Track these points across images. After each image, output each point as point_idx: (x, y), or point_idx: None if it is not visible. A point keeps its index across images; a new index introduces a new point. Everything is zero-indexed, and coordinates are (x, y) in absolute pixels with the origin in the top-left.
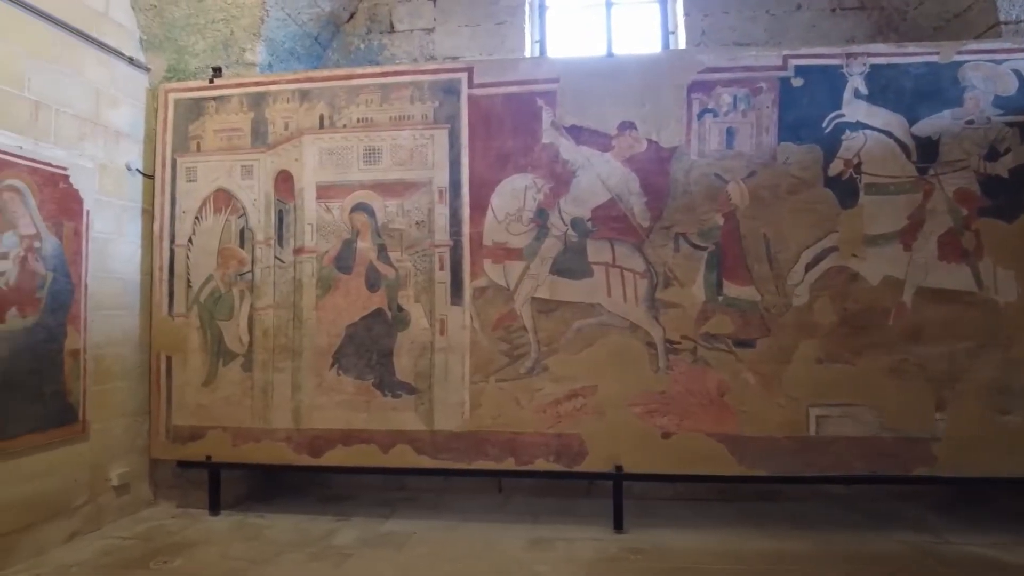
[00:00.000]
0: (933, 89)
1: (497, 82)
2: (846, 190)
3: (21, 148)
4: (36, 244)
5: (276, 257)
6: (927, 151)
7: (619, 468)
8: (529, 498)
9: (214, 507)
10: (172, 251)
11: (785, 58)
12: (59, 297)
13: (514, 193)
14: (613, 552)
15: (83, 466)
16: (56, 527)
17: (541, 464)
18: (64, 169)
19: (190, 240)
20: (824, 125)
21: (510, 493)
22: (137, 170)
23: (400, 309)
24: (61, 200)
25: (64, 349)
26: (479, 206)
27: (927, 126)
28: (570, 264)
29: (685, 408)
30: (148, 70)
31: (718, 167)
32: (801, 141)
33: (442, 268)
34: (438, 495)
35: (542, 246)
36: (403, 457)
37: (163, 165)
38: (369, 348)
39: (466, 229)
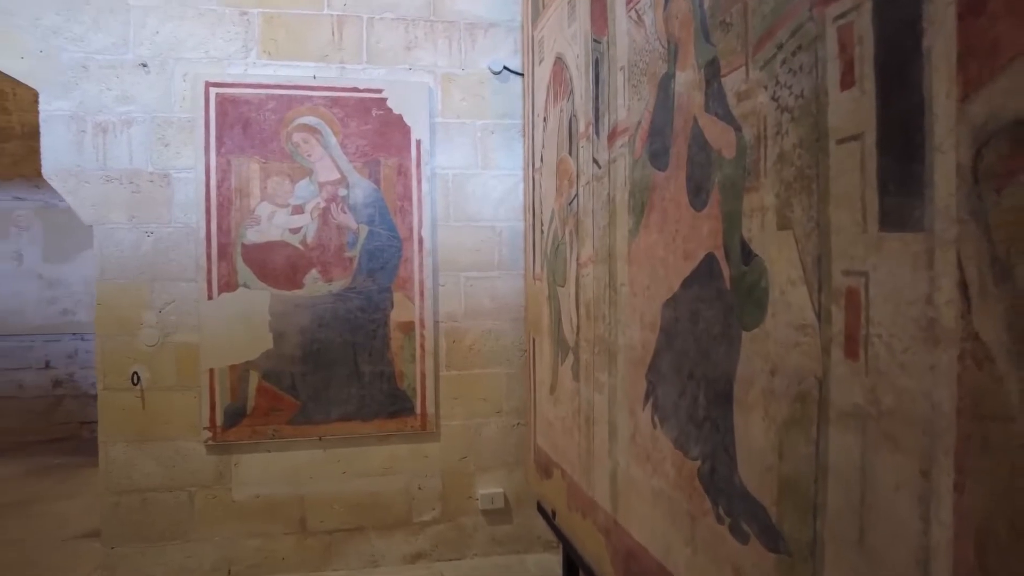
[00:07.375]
0: None
1: None
2: None
3: (315, 78)
4: (341, 192)
5: (592, 159)
6: None
7: None
8: None
9: None
10: (534, 180)
11: None
12: (379, 256)
13: None
14: None
15: (429, 472)
16: (393, 541)
17: None
18: (379, 92)
19: (541, 158)
20: None
21: None
22: (505, 68)
23: (749, 254)
24: (376, 133)
25: (389, 321)
26: None
27: None
28: None
29: None
30: None
31: None
32: None
33: (849, 85)
34: None
35: None
36: None
37: (527, 54)
38: (692, 365)
39: None
